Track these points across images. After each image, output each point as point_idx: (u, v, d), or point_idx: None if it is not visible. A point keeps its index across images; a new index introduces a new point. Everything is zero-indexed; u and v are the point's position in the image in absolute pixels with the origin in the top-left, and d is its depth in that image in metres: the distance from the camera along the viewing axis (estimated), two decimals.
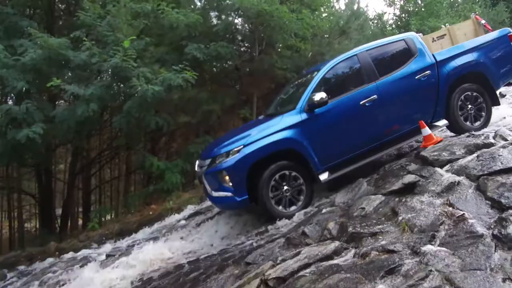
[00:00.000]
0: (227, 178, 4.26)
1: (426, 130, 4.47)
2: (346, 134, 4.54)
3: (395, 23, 18.45)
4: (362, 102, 4.54)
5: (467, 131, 4.57)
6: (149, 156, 8.44)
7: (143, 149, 10.40)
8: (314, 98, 4.33)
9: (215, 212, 5.75)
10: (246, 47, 10.16)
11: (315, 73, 4.80)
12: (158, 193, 8.27)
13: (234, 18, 9.20)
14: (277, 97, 5.89)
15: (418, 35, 5.23)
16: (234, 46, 9.08)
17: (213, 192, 4.50)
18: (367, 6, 36.09)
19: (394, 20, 18.95)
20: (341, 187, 4.50)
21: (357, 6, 12.52)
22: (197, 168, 5.03)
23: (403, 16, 18.24)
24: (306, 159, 4.39)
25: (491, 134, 4.07)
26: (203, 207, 6.58)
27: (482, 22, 5.76)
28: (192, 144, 8.62)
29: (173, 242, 4.95)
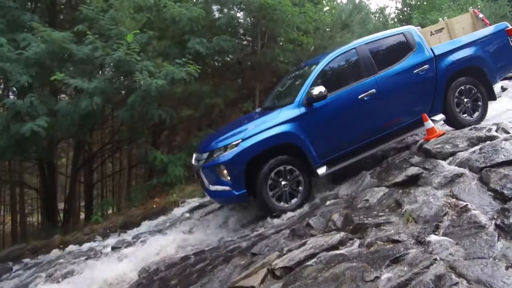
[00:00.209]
0: (225, 172, 4.26)
1: (429, 123, 4.51)
2: (344, 128, 4.55)
3: (397, 17, 18.40)
4: (360, 96, 4.55)
5: (464, 125, 4.62)
6: (153, 149, 8.48)
7: (146, 142, 10.44)
8: (312, 92, 4.33)
9: (219, 205, 5.81)
10: (248, 41, 10.15)
11: (314, 66, 4.79)
12: (161, 186, 8.32)
13: (237, 11, 9.18)
14: (274, 89, 5.86)
15: (417, 29, 5.24)
16: (236, 39, 9.07)
17: (210, 186, 4.50)
18: None
19: (396, 13, 18.89)
20: (344, 180, 4.55)
21: None
22: (194, 161, 5.01)
23: (405, 9, 18.18)
24: (304, 153, 4.40)
25: (494, 127, 4.11)
26: (207, 200, 6.62)
27: (480, 16, 5.78)
28: (194, 137, 8.66)
29: (177, 235, 5.01)
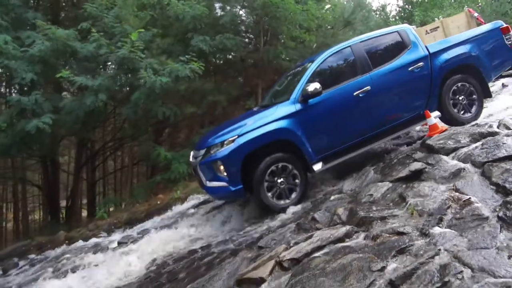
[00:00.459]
0: (222, 168, 4.30)
1: (432, 120, 4.58)
2: (340, 124, 4.59)
3: (398, 14, 18.41)
4: (355, 93, 4.59)
5: (459, 122, 4.68)
6: (156, 146, 8.55)
7: (148, 140, 10.50)
8: (308, 89, 4.36)
9: (223, 201, 5.86)
10: (250, 39, 10.20)
11: (309, 64, 4.83)
12: (165, 183, 8.40)
13: (239, 9, 9.23)
14: (271, 88, 5.91)
15: (412, 27, 5.30)
16: (239, 37, 9.13)
17: (207, 182, 4.53)
18: None
19: (398, 11, 18.91)
20: (348, 176, 4.62)
21: None
22: (191, 158, 5.06)
23: (407, 7, 18.20)
24: (300, 149, 4.43)
25: (495, 123, 4.17)
26: (211, 197, 6.69)
27: (475, 15, 5.84)
28: (197, 135, 8.75)
29: (183, 230, 5.06)
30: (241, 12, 9.33)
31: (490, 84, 5.39)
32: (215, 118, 9.66)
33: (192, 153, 5.10)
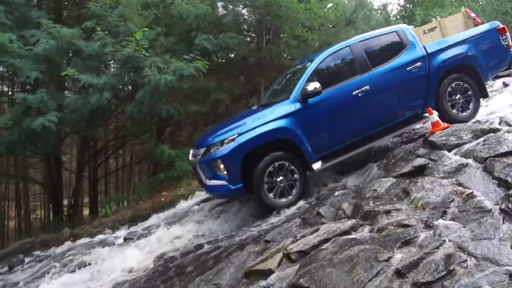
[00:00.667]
0: (222, 166, 4.33)
1: (434, 117, 4.65)
2: (339, 124, 4.62)
3: (400, 13, 18.47)
4: (354, 93, 4.62)
5: (456, 121, 4.74)
6: (159, 144, 8.63)
7: (151, 138, 10.58)
8: (307, 88, 4.39)
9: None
10: (252, 37, 10.26)
11: (309, 63, 4.87)
12: (168, 180, 8.47)
13: (242, 8, 9.29)
14: (270, 87, 5.94)
15: (410, 27, 5.36)
16: (241, 36, 9.19)
17: (207, 180, 4.55)
18: None
19: (399, 10, 18.97)
20: (351, 172, 4.69)
21: None
22: (191, 157, 5.08)
23: (408, 6, 18.25)
24: (299, 148, 4.46)
25: (497, 120, 4.25)
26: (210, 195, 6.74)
27: (472, 15, 5.91)
28: (200, 133, 8.81)
29: (189, 226, 5.12)
30: (243, 11, 9.39)
31: (490, 83, 5.45)
32: (218, 116, 9.72)
33: (191, 151, 5.12)
